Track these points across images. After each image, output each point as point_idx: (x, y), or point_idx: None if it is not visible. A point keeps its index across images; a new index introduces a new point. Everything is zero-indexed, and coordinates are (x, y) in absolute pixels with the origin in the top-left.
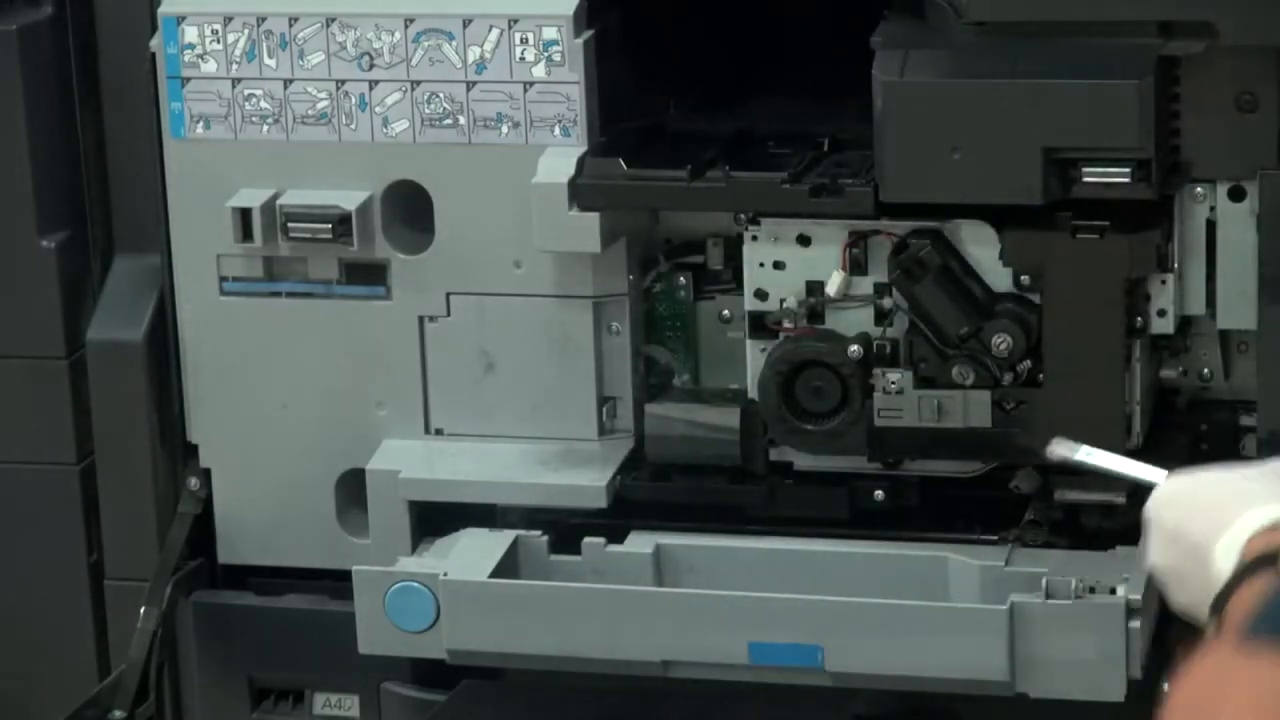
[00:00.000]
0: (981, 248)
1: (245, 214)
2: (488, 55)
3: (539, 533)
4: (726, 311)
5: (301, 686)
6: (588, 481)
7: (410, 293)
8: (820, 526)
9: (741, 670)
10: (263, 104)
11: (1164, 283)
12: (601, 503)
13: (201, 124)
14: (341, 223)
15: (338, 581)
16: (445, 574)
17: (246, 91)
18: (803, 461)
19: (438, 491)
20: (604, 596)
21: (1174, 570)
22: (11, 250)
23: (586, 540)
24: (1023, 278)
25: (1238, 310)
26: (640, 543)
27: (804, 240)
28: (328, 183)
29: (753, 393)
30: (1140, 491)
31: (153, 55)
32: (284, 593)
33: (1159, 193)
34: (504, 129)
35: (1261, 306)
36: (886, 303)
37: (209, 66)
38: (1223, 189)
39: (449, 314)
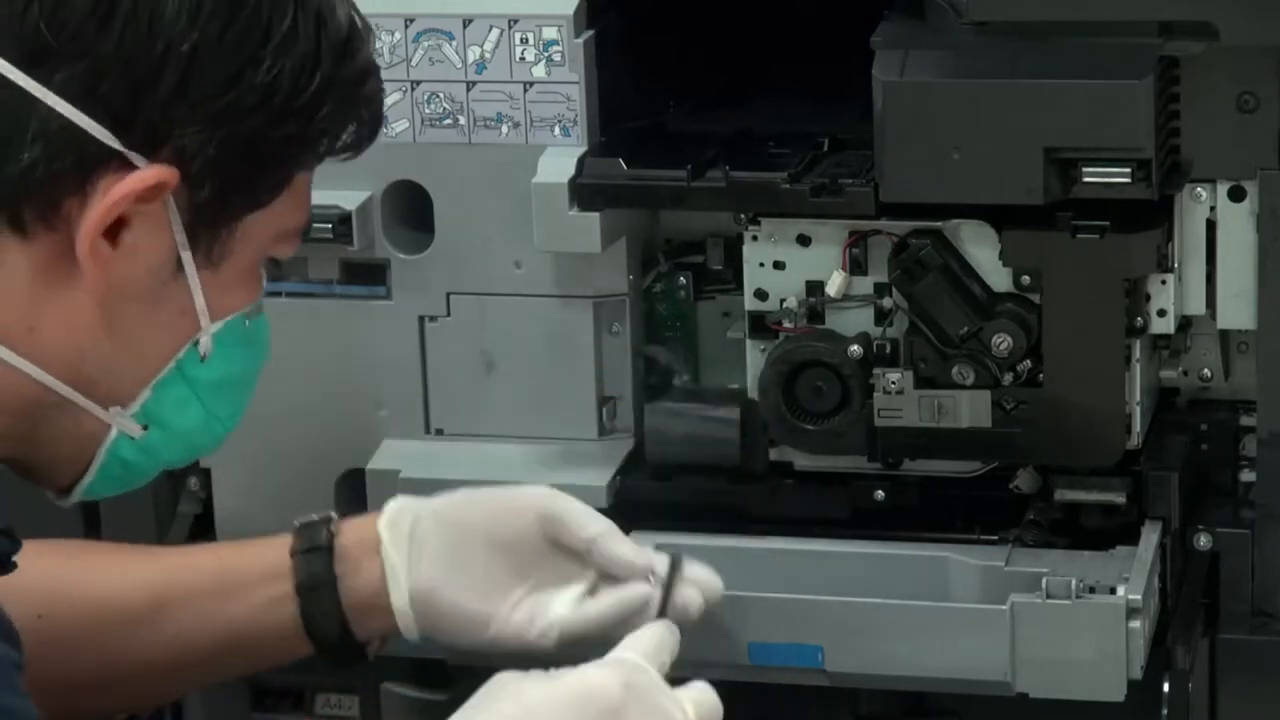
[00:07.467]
0: (981, 248)
1: None
2: (488, 55)
3: None
4: (727, 313)
5: (301, 686)
6: (588, 481)
7: (410, 293)
8: (820, 526)
9: (741, 670)
10: None
11: (1164, 283)
12: (602, 503)
13: None
14: (341, 223)
15: None
16: None
17: None
18: (803, 461)
19: (438, 491)
20: None
21: None
22: None
23: None
24: (1023, 278)
25: (1238, 310)
26: (640, 543)
27: (804, 240)
28: (328, 183)
29: (753, 393)
30: (1140, 492)
31: None
32: None
33: (1159, 193)
34: (504, 129)
35: (1261, 306)
36: (886, 303)
37: None
38: (1223, 189)
39: (449, 314)
